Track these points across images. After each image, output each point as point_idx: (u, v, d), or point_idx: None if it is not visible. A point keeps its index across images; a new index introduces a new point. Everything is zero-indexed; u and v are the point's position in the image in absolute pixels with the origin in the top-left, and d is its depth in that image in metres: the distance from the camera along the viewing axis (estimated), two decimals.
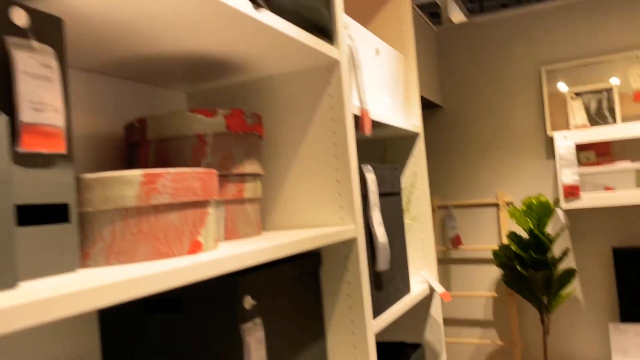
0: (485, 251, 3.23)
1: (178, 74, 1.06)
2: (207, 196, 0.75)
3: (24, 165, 0.57)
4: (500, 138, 3.22)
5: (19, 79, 0.56)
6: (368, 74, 1.31)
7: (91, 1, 0.68)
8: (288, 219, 1.12)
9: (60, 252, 0.60)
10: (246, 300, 0.85)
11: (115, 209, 0.66)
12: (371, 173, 1.18)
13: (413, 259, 1.60)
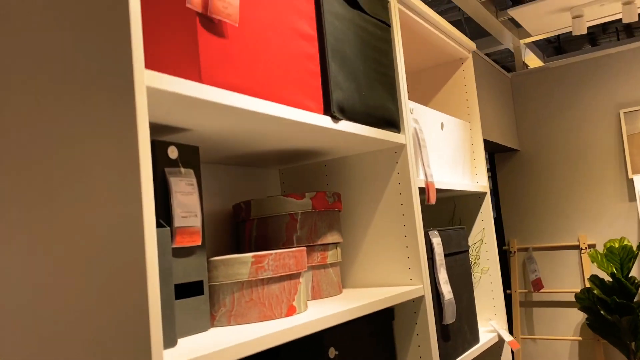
0: (569, 294, 3.22)
1: (274, 159, 1.31)
2: (299, 269, 0.97)
3: (176, 256, 0.82)
4: (579, 180, 3.24)
5: (173, 197, 0.81)
6: (434, 147, 1.50)
7: (217, 133, 0.93)
8: (365, 278, 1.32)
9: (198, 317, 0.84)
10: (330, 351, 1.05)
11: (234, 282, 0.90)
12: (437, 237, 1.35)
13: (483, 309, 1.73)
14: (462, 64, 1.81)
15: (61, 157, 0.71)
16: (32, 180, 0.74)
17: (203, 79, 0.75)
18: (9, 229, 0.77)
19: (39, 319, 0.72)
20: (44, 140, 0.73)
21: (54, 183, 0.71)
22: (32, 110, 0.74)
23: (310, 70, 0.98)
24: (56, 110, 0.71)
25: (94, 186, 0.67)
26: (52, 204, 0.71)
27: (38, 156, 0.73)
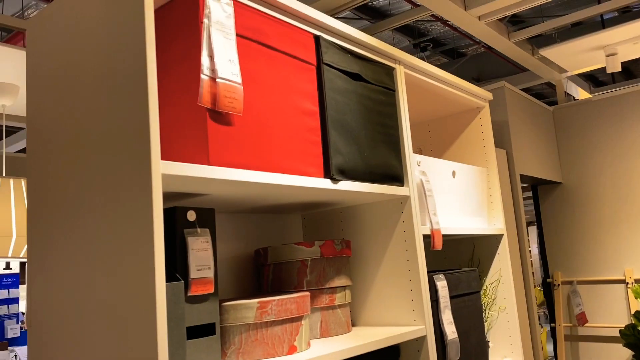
0: (614, 329, 3.16)
1: (294, 207, 1.48)
2: (301, 313, 1.12)
3: (190, 302, 1.00)
4: (624, 213, 3.20)
5: (190, 254, 1.00)
6: (445, 194, 1.62)
7: (231, 197, 1.11)
8: (374, 318, 1.45)
9: (210, 354, 1.01)
10: None
11: (242, 324, 1.06)
12: (442, 280, 1.47)
13: (500, 347, 1.80)
14: (479, 112, 1.92)
15: (97, 220, 0.91)
16: (74, 231, 0.95)
17: (211, 162, 0.93)
18: (55, 271, 0.97)
19: (69, 342, 0.91)
20: (87, 210, 0.93)
21: (91, 238, 0.91)
22: (79, 189, 0.95)
23: (311, 140, 1.15)
24: (97, 191, 0.92)
25: (120, 246, 0.86)
26: (87, 255, 0.91)
27: (82, 217, 0.94)
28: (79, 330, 0.93)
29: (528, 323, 2.68)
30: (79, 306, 0.93)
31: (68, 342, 0.95)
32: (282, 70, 1.11)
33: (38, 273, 1.05)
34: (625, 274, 3.17)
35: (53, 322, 0.99)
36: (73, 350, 0.93)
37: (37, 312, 1.04)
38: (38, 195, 1.07)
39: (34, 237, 1.07)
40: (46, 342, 1.00)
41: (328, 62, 1.23)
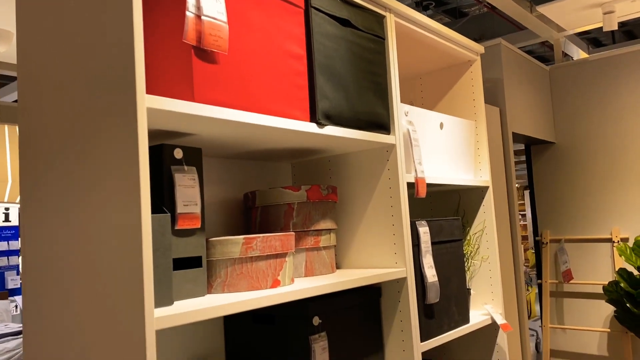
0: (598, 286, 3.25)
1: (283, 155, 1.51)
2: (285, 250, 1.17)
3: (178, 235, 1.04)
4: (615, 173, 3.24)
5: (177, 190, 1.03)
6: (432, 145, 1.65)
7: (218, 137, 1.14)
8: (358, 261, 1.50)
9: (196, 284, 1.06)
10: (314, 319, 1.25)
11: (228, 258, 1.11)
12: (424, 227, 1.51)
13: (481, 294, 1.87)
14: (470, 65, 1.93)
15: (86, 160, 0.94)
16: (65, 173, 0.98)
17: (196, 98, 0.96)
18: (49, 216, 1.01)
19: (64, 280, 0.96)
20: (77, 150, 0.96)
21: (81, 177, 0.95)
22: (66, 127, 0.98)
23: (298, 84, 1.17)
24: (85, 130, 0.95)
25: (109, 181, 0.90)
26: (78, 194, 0.95)
27: (72, 158, 0.97)
28: (71, 272, 0.97)
29: (514, 280, 2.75)
30: (70, 248, 0.98)
31: (61, 284, 1.00)
32: (269, 12, 1.12)
33: (31, 217, 1.09)
34: (612, 233, 3.23)
35: (46, 265, 1.04)
36: (66, 292, 0.98)
37: (31, 256, 1.08)
38: (29, 140, 1.10)
39: (26, 182, 1.10)
40: (40, 284, 1.05)
41: (316, 5, 1.24)
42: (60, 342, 0.98)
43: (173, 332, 1.30)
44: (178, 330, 1.31)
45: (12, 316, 6.29)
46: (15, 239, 7.00)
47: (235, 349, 1.38)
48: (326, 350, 1.26)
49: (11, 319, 6.17)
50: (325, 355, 1.25)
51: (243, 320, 1.36)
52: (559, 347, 3.37)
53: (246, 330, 1.35)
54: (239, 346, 1.37)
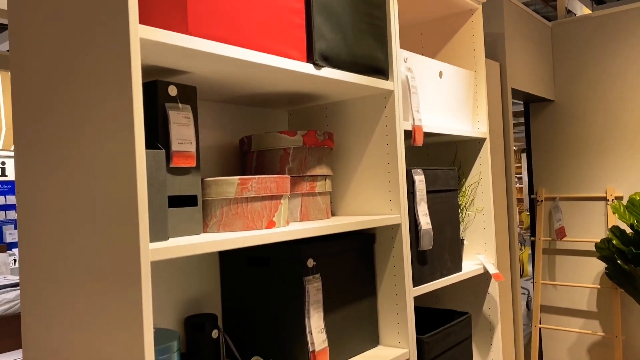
0: (591, 244, 3.29)
1: (280, 100, 1.49)
2: (280, 192, 1.17)
3: (173, 173, 1.04)
4: (613, 132, 3.23)
5: (171, 127, 1.02)
6: (430, 93, 1.63)
7: (212, 76, 1.12)
8: (353, 208, 1.51)
9: (191, 223, 1.06)
10: (309, 261, 1.27)
11: (223, 198, 1.11)
12: (420, 175, 1.51)
13: (475, 244, 1.89)
14: (471, 15, 1.89)
15: (80, 98, 0.93)
16: (59, 119, 0.97)
17: (190, 31, 0.94)
18: (44, 159, 1.01)
19: (62, 212, 0.96)
20: (68, 90, 0.95)
21: (75, 118, 0.94)
22: (58, 66, 0.96)
23: (295, 23, 1.15)
24: (78, 67, 0.93)
25: (103, 118, 0.89)
26: (72, 136, 0.94)
27: (63, 103, 0.96)
28: (67, 214, 0.97)
29: (508, 239, 2.78)
30: (66, 188, 0.97)
31: (56, 228, 1.00)
32: None
33: (25, 163, 1.08)
34: (607, 192, 3.25)
35: (42, 210, 1.03)
36: (62, 237, 0.98)
37: (27, 201, 1.08)
38: (22, 83, 1.08)
39: (20, 128, 1.08)
40: (36, 232, 1.05)
41: None
42: (58, 286, 0.99)
43: (169, 274, 1.31)
44: (174, 273, 1.32)
45: (10, 269, 6.36)
46: (12, 193, 7.01)
47: (231, 291, 1.40)
48: (320, 291, 1.27)
49: (10, 271, 6.24)
50: (319, 296, 1.27)
51: (238, 263, 1.38)
52: (549, 302, 3.44)
53: (241, 272, 1.37)
54: (234, 288, 1.39)
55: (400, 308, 1.42)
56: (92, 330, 0.92)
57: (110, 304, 0.88)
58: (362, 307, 1.41)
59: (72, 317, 0.96)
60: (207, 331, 1.29)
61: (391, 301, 1.44)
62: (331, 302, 1.32)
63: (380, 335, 1.46)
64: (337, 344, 1.33)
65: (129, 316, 0.85)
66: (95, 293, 0.91)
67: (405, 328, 1.41)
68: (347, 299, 1.37)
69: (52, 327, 1.01)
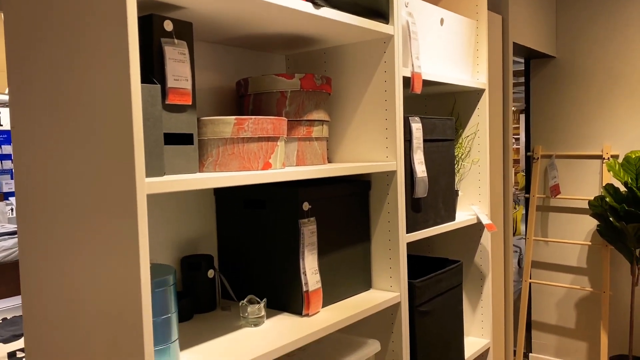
0: (584, 202, 3.32)
1: (278, 43, 1.47)
2: (277, 134, 1.17)
3: (169, 110, 1.03)
4: (613, 90, 3.21)
5: (167, 62, 1.01)
6: (430, 41, 1.61)
7: (210, 13, 1.10)
8: (350, 154, 1.51)
9: (187, 161, 1.06)
10: (304, 204, 1.27)
11: (219, 138, 1.11)
12: (417, 123, 1.51)
13: (469, 195, 1.90)
14: None
15: (74, 33, 0.91)
16: (53, 56, 0.95)
17: None
18: (38, 99, 1.00)
19: (59, 149, 0.96)
20: (61, 22, 0.93)
21: (70, 53, 0.92)
22: None
23: None
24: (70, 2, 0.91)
25: (96, 52, 0.87)
26: (70, 68, 0.93)
27: (57, 37, 0.94)
28: (63, 151, 0.97)
29: (502, 197, 2.79)
30: (62, 128, 0.96)
31: (53, 164, 0.99)
32: None
33: (20, 103, 1.06)
34: (603, 150, 3.25)
35: (38, 147, 1.03)
36: (58, 173, 0.98)
37: (22, 142, 1.07)
38: (14, 25, 1.05)
39: (13, 69, 1.06)
40: (32, 169, 1.05)
41: None
42: (55, 225, 1.00)
43: (165, 216, 1.32)
44: (170, 214, 1.33)
45: (8, 218, 6.40)
46: (8, 143, 6.97)
47: (227, 233, 1.41)
48: (315, 234, 1.29)
49: (7, 220, 6.28)
50: (313, 239, 1.29)
51: (234, 206, 1.39)
52: (540, 258, 3.49)
53: (237, 215, 1.38)
54: (230, 230, 1.40)
55: (393, 253, 1.44)
56: (90, 266, 0.94)
57: (108, 238, 0.89)
58: (355, 251, 1.44)
59: (70, 254, 0.97)
60: (202, 271, 1.31)
61: (384, 247, 1.46)
62: (325, 245, 1.34)
63: (373, 279, 1.49)
64: (331, 286, 1.36)
65: (126, 249, 0.86)
66: (93, 229, 0.92)
67: (398, 273, 1.44)
68: (341, 244, 1.39)
69: (50, 268, 1.03)
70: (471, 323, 1.93)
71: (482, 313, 1.91)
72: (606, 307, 3.17)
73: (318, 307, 1.29)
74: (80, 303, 0.96)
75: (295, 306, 1.27)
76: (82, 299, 0.96)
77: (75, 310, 0.97)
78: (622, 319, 3.24)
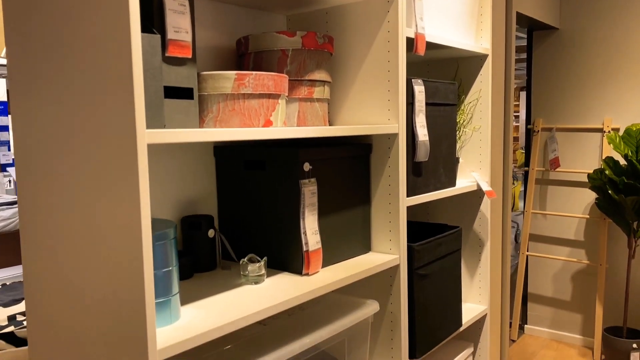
0: (584, 175, 3.32)
1: (279, 1, 1.44)
2: (278, 91, 1.15)
3: (168, 63, 1.01)
4: (616, 63, 3.18)
5: (167, 13, 0.99)
6: (434, 3, 1.58)
7: None
8: (350, 117, 1.49)
9: (187, 116, 1.05)
10: (305, 165, 1.27)
11: (220, 94, 1.09)
12: (420, 85, 1.49)
13: (470, 162, 1.90)
14: None
15: None
16: (50, 14, 0.93)
17: None
18: (35, 55, 0.98)
19: (58, 103, 0.95)
20: None
21: (67, 9, 0.90)
22: None
23: None
24: None
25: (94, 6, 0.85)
26: (67, 19, 0.91)
27: None
28: (61, 106, 0.95)
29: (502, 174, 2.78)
30: (60, 80, 0.95)
31: (51, 120, 0.98)
32: None
33: (19, 62, 1.04)
34: (604, 123, 3.24)
35: (37, 100, 1.01)
36: (57, 127, 0.97)
37: (22, 103, 1.05)
38: None
39: (11, 32, 1.04)
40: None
41: None
42: (56, 183, 0.99)
43: (165, 176, 1.31)
44: (170, 174, 1.32)
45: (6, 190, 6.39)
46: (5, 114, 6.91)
47: (227, 195, 1.41)
48: (315, 195, 1.28)
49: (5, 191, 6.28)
50: (314, 200, 1.28)
51: (234, 167, 1.38)
52: (537, 231, 3.51)
53: (237, 176, 1.37)
54: (230, 192, 1.40)
55: (393, 217, 1.44)
56: (91, 220, 0.93)
57: (109, 190, 0.89)
58: (355, 214, 1.43)
59: (71, 209, 0.97)
60: (203, 230, 1.31)
61: (384, 210, 1.46)
62: (326, 207, 1.34)
63: (372, 242, 1.49)
64: (330, 248, 1.36)
65: (127, 199, 0.86)
66: (94, 182, 0.91)
67: (397, 236, 1.44)
68: (342, 206, 1.39)
69: (51, 222, 1.02)
70: (469, 290, 1.95)
71: (480, 280, 1.92)
72: (602, 279, 3.20)
73: (318, 267, 1.29)
74: (81, 258, 0.96)
75: (295, 266, 1.28)
76: (84, 254, 0.95)
77: (77, 266, 0.97)
78: (618, 291, 3.27)
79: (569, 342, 3.43)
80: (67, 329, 1.01)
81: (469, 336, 1.96)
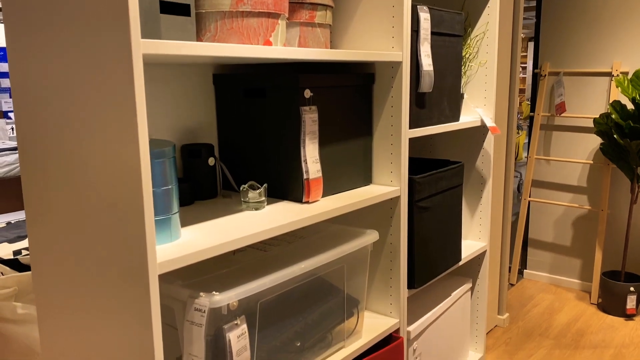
0: (590, 120, 3.28)
1: None
2: (278, 10, 1.12)
3: None
4: (627, 6, 3.08)
5: None
6: None
7: None
8: (353, 45, 1.46)
9: (184, 34, 1.02)
10: (306, 92, 1.24)
11: (218, 11, 1.06)
12: (425, 13, 1.44)
13: (475, 98, 1.87)
14: None
15: None
16: None
17: None
18: None
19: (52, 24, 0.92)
20: None
21: None
22: None
23: None
24: None
25: None
26: None
27: None
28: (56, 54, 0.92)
29: (507, 123, 2.74)
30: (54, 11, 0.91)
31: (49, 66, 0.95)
32: None
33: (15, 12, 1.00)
34: (613, 67, 3.17)
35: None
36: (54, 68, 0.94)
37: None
38: None
39: None
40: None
41: None
42: (53, 115, 0.97)
43: (164, 103, 1.29)
44: (169, 102, 1.30)
45: (9, 136, 6.38)
46: (5, 60, 6.82)
47: (227, 123, 1.39)
48: (316, 123, 1.27)
49: (8, 138, 6.27)
50: (314, 128, 1.26)
51: (234, 94, 1.35)
52: (540, 177, 3.50)
53: (237, 104, 1.35)
54: (230, 120, 1.38)
55: (394, 148, 1.43)
56: (89, 139, 0.92)
57: (105, 107, 0.87)
58: (356, 145, 1.42)
59: (69, 130, 0.95)
60: (203, 158, 1.30)
61: (386, 142, 1.44)
62: (327, 137, 1.32)
63: (373, 174, 1.48)
64: (331, 178, 1.35)
65: (123, 114, 0.84)
66: (90, 100, 0.89)
67: (399, 168, 1.43)
68: (343, 136, 1.37)
69: (52, 147, 1.01)
70: (469, 227, 1.95)
71: (480, 217, 1.92)
72: (603, 225, 3.21)
73: (318, 195, 1.28)
74: (82, 181, 0.95)
75: (295, 194, 1.27)
76: (85, 176, 0.95)
77: (78, 188, 0.97)
78: (618, 236, 3.29)
79: (567, 287, 3.48)
80: (68, 249, 1.02)
81: (467, 272, 1.99)
